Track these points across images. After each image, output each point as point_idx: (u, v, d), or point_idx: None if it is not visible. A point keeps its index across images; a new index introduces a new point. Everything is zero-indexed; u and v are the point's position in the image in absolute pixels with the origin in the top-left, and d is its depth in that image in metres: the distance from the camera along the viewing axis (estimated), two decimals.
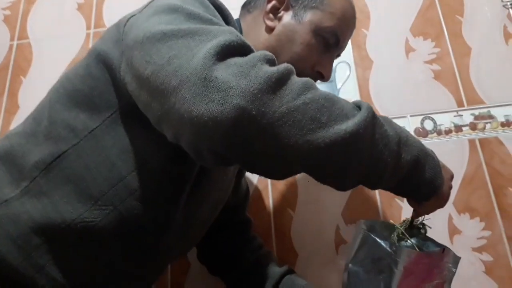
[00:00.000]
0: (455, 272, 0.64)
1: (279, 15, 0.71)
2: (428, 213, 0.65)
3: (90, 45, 1.28)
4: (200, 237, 0.78)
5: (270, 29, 0.71)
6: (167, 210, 0.62)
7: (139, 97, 0.53)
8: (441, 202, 0.62)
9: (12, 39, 1.34)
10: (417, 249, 0.63)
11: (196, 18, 0.54)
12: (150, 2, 0.62)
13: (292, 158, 0.47)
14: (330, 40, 0.70)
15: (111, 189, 0.58)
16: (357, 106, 0.51)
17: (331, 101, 0.48)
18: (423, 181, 0.57)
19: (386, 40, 1.14)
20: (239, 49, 0.49)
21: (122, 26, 0.60)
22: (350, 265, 0.64)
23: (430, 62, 1.10)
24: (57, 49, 1.29)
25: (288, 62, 0.68)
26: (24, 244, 0.55)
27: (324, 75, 0.72)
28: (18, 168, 0.59)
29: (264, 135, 0.45)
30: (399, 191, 0.59)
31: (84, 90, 0.61)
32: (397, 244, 0.63)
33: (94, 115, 0.60)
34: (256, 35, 0.72)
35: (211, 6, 0.60)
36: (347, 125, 0.47)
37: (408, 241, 0.64)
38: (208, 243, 0.87)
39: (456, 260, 0.64)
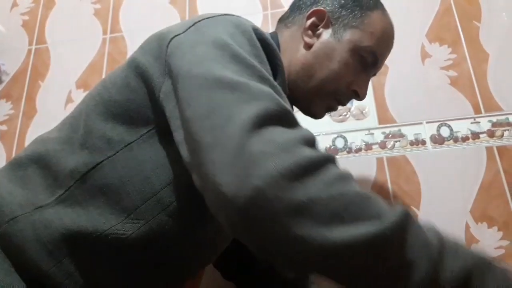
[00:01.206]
0: None
1: (318, 32, 0.71)
2: None
3: (107, 50, 1.30)
4: (224, 248, 0.78)
5: (308, 46, 0.71)
6: (196, 225, 0.62)
7: (174, 128, 0.54)
8: None
9: (30, 43, 1.36)
10: None
11: (241, 62, 0.53)
12: (195, 23, 0.60)
13: (299, 259, 0.43)
14: (368, 60, 0.70)
15: (144, 204, 0.57)
16: (395, 209, 0.44)
17: (363, 197, 0.43)
18: None
19: (402, 46, 1.13)
20: (279, 118, 0.47)
21: (165, 44, 0.59)
22: None
23: (447, 68, 1.09)
24: (74, 54, 1.32)
25: (324, 79, 0.69)
26: (55, 250, 0.55)
27: (359, 94, 0.72)
28: (53, 175, 0.59)
29: (274, 224, 0.42)
30: None
31: (121, 102, 0.61)
32: None
33: (131, 129, 0.60)
34: (293, 51, 0.71)
35: (257, 44, 0.58)
36: (373, 227, 0.41)
37: None
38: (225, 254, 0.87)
39: None
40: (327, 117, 1.09)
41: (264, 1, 1.28)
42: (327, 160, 0.45)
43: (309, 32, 0.71)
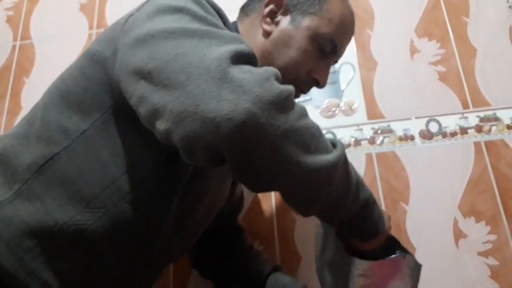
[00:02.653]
0: (419, 279, 0.64)
1: (277, 19, 0.71)
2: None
3: None
4: (194, 240, 0.77)
5: (267, 33, 0.70)
6: (159, 212, 0.62)
7: (134, 91, 0.52)
8: (380, 243, 0.64)
9: (15, 39, 1.34)
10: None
11: (202, 20, 0.54)
12: (148, 0, 0.61)
13: (279, 174, 0.50)
14: (326, 47, 0.70)
15: (103, 192, 0.57)
16: (333, 142, 0.55)
17: (319, 132, 0.52)
18: (371, 221, 0.61)
19: (391, 41, 1.13)
20: (250, 59, 0.51)
21: (120, 25, 0.59)
22: (316, 265, 0.67)
23: (435, 63, 1.09)
24: (60, 50, 1.29)
25: (283, 67, 0.68)
26: (16, 247, 0.54)
27: (319, 81, 0.72)
28: (10, 170, 0.59)
29: (266, 145, 0.47)
30: (348, 228, 0.62)
31: (77, 91, 0.61)
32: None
33: (85, 116, 0.59)
34: (252, 38, 0.71)
35: (212, 10, 0.59)
36: (328, 157, 0.50)
37: None
38: (198, 248, 0.87)
39: (418, 267, 0.65)
40: (316, 112, 1.09)
41: None
42: (294, 93, 0.51)
43: (268, 19, 0.71)
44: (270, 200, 1.02)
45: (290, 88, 0.49)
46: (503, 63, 1.06)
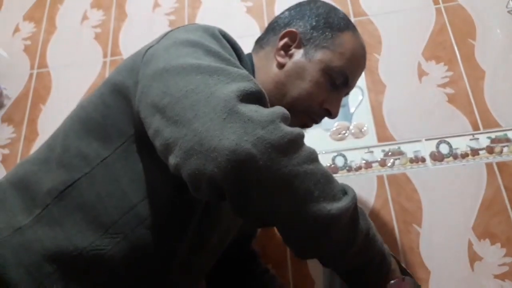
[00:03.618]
0: None
1: (290, 52, 0.73)
2: None
3: (107, 73, 1.32)
4: (210, 265, 0.77)
5: (280, 65, 0.73)
6: (176, 238, 0.63)
7: (150, 124, 0.54)
8: None
9: (32, 67, 1.38)
10: None
11: (215, 55, 0.56)
12: (167, 33, 0.64)
13: (275, 217, 0.49)
14: (338, 80, 0.72)
15: (122, 218, 0.58)
16: (344, 190, 0.52)
17: (327, 179, 0.50)
18: (370, 280, 0.57)
19: (398, 65, 1.15)
20: (258, 98, 0.51)
21: (140, 56, 0.62)
22: None
23: (444, 85, 1.10)
24: (75, 77, 1.33)
25: (296, 98, 0.71)
26: (36, 272, 0.55)
27: (331, 112, 0.74)
28: (31, 195, 0.60)
29: (262, 188, 0.47)
30: (352, 278, 0.58)
31: (97, 118, 0.62)
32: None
33: (106, 143, 0.61)
34: (266, 70, 0.73)
35: (227, 44, 0.62)
36: (332, 207, 0.48)
37: None
38: (214, 273, 0.87)
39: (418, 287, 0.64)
40: (326, 135, 1.10)
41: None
42: (302, 136, 0.50)
43: (282, 52, 0.74)
44: None
45: (295, 131, 0.49)
46: None
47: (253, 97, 0.51)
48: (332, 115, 0.74)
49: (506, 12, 1.16)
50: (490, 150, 1.01)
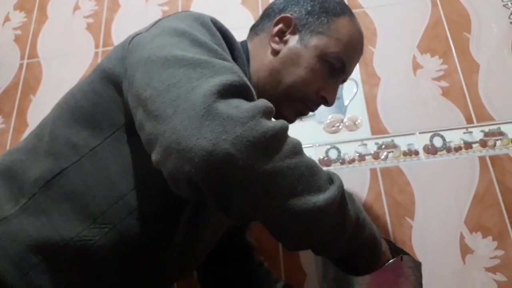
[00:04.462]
0: (421, 276, 0.63)
1: (285, 38, 0.72)
2: None
3: None
4: (202, 258, 0.77)
5: (275, 52, 0.71)
6: (166, 230, 0.62)
7: (135, 116, 0.54)
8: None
9: (22, 58, 1.36)
10: None
11: (202, 46, 0.54)
12: (157, 22, 0.63)
13: (259, 215, 0.49)
14: (335, 66, 0.71)
15: (111, 208, 0.57)
16: (331, 179, 0.51)
17: (311, 171, 0.48)
18: (362, 263, 0.56)
19: (393, 57, 1.14)
20: (240, 91, 0.49)
21: (127, 44, 0.61)
22: (319, 286, 0.65)
23: (438, 79, 1.10)
24: (66, 68, 1.31)
25: (291, 85, 0.69)
26: (21, 263, 0.54)
27: (328, 100, 0.73)
28: (18, 185, 0.59)
29: (243, 188, 0.45)
30: (344, 263, 0.57)
31: (87, 106, 0.61)
32: None
33: (96, 132, 0.60)
34: (261, 57, 0.72)
35: (217, 33, 0.60)
36: (318, 199, 0.47)
37: None
38: (207, 266, 0.86)
39: (418, 265, 0.63)
40: (320, 128, 1.09)
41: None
42: (286, 129, 0.49)
43: (276, 38, 0.72)
44: None
45: (277, 125, 0.47)
46: (506, 78, 1.06)
47: (236, 90, 0.49)
48: (329, 103, 0.73)
49: (502, 5, 1.15)
50: (483, 143, 1.01)
